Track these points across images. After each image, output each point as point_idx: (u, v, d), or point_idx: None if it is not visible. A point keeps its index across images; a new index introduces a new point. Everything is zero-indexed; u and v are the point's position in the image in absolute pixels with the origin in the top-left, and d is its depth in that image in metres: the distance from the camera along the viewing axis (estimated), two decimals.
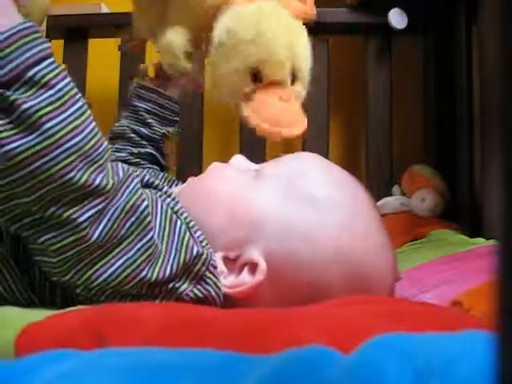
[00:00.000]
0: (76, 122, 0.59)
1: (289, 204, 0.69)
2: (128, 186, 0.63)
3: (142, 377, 0.38)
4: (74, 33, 1.53)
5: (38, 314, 0.56)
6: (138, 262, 0.63)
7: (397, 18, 1.44)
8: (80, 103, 0.60)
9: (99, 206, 0.60)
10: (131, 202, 0.62)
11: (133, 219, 0.62)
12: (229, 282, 0.68)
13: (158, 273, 0.64)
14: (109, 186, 0.60)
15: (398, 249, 1.18)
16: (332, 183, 0.72)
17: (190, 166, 1.46)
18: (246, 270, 0.68)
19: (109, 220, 0.61)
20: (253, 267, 0.68)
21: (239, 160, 0.78)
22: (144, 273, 0.63)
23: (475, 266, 0.90)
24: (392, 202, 1.44)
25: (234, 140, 1.52)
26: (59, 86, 0.59)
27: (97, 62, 1.57)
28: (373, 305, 0.61)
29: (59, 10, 1.49)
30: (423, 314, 0.60)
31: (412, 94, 1.61)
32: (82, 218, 0.59)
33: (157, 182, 0.73)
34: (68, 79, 0.60)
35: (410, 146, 1.60)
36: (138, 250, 0.63)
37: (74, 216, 0.59)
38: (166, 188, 0.73)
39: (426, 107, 1.55)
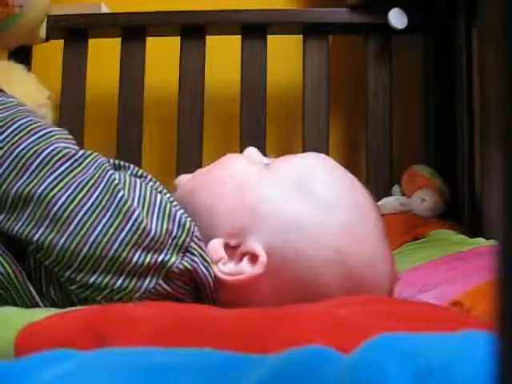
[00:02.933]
0: (17, 114, 0.69)
1: (295, 200, 0.70)
2: (95, 161, 0.67)
3: (142, 377, 0.38)
4: (74, 33, 1.53)
5: (38, 314, 0.56)
6: (117, 222, 0.64)
7: (397, 18, 1.44)
8: (18, 108, 0.70)
9: (55, 173, 0.65)
10: (97, 174, 0.66)
11: (101, 187, 0.66)
12: (227, 268, 0.69)
13: (144, 228, 0.65)
14: (66, 151, 0.66)
15: (398, 249, 1.18)
16: (338, 185, 0.73)
17: (190, 165, 1.46)
18: (245, 260, 0.69)
19: (74, 190, 0.65)
20: (253, 258, 0.68)
21: (251, 153, 0.80)
22: (129, 225, 0.64)
23: (475, 266, 0.90)
24: (392, 202, 1.44)
25: (234, 140, 1.52)
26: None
27: (97, 62, 1.57)
28: (373, 305, 0.61)
29: (59, 10, 1.49)
30: (423, 313, 0.60)
31: (412, 93, 1.61)
32: (40, 188, 0.64)
33: (141, 171, 0.75)
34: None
35: (409, 146, 1.60)
36: (113, 211, 0.65)
37: (34, 189, 0.64)
38: (150, 176, 0.75)
39: (426, 107, 1.55)
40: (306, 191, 0.71)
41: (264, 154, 1.47)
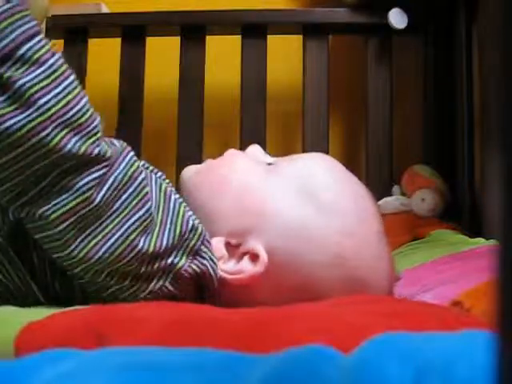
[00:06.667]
0: (69, 97, 0.61)
1: (297, 203, 0.70)
2: (125, 158, 0.64)
3: (143, 376, 0.38)
4: (74, 33, 1.53)
5: (38, 314, 0.56)
6: (135, 234, 0.63)
7: (397, 18, 1.44)
8: (71, 78, 0.63)
9: (100, 172, 0.61)
10: (129, 174, 0.64)
11: (130, 190, 0.63)
12: (228, 267, 0.68)
13: (155, 244, 0.64)
14: (108, 154, 0.62)
15: (398, 249, 1.18)
16: (341, 188, 0.73)
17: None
18: (246, 259, 0.68)
19: (109, 188, 0.62)
20: (253, 257, 0.68)
21: (255, 151, 0.79)
22: (141, 244, 0.63)
23: (475, 265, 0.90)
24: (392, 201, 1.44)
25: (234, 140, 1.52)
26: (50, 61, 0.61)
27: (97, 62, 1.57)
28: (373, 304, 0.61)
29: (59, 10, 1.49)
30: (423, 313, 0.60)
31: (412, 94, 1.61)
32: (82, 182, 0.60)
33: (147, 164, 0.74)
34: (58, 55, 0.63)
35: (409, 146, 1.59)
36: (135, 221, 0.63)
37: (75, 181, 0.60)
38: (156, 170, 0.74)
39: (426, 107, 1.55)
40: (308, 194, 0.70)
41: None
